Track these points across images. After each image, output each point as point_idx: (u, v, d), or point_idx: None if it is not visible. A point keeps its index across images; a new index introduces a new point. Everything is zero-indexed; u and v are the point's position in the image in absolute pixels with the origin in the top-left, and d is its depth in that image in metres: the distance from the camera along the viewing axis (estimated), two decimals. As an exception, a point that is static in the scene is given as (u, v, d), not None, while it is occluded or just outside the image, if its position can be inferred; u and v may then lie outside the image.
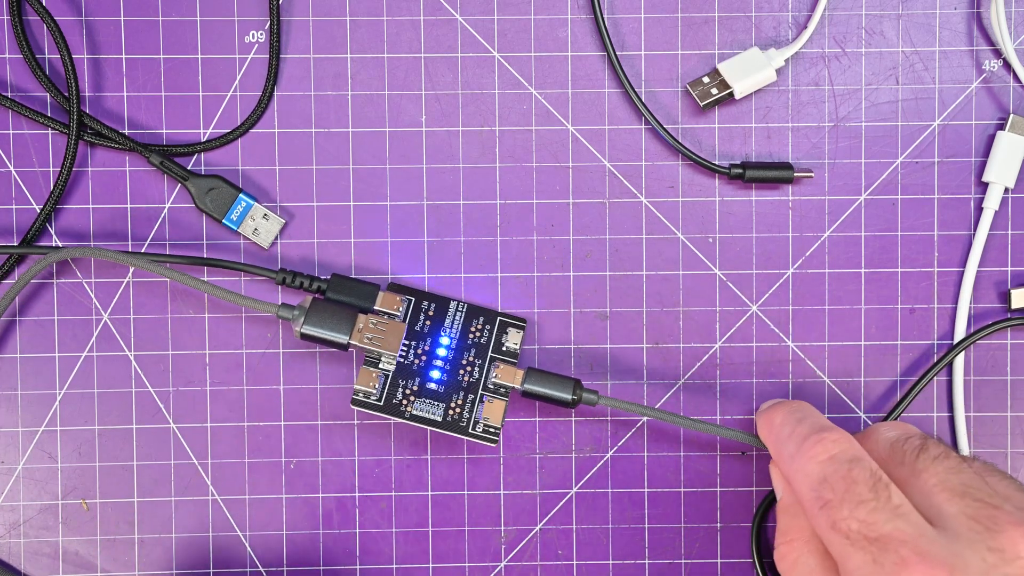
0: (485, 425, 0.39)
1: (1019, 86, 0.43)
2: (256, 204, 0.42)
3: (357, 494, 0.42)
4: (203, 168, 0.42)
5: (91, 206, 0.42)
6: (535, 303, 0.42)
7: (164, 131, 0.42)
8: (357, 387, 0.39)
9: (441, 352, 0.40)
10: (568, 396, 0.40)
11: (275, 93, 0.42)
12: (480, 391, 0.40)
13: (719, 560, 0.43)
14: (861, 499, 0.33)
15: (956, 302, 0.43)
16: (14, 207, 0.42)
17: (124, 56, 0.42)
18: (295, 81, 0.42)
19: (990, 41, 0.43)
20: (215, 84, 0.42)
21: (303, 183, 0.42)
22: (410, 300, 0.41)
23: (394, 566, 0.42)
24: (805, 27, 0.42)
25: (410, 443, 0.42)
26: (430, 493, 0.42)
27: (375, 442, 0.42)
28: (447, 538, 0.42)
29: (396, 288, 0.41)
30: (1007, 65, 0.43)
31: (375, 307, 0.40)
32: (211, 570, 0.42)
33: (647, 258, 0.43)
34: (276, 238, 0.42)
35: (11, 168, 0.42)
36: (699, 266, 0.43)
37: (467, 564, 0.42)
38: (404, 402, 0.39)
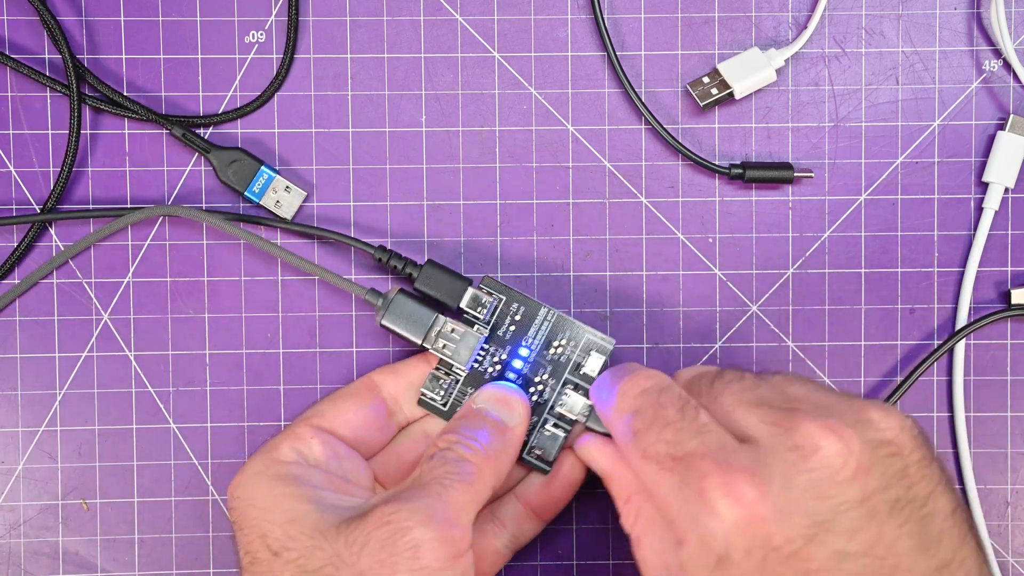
0: (539, 455, 0.39)
1: (1019, 86, 0.43)
2: (278, 176, 0.41)
3: (357, 494, 0.42)
4: (202, 168, 0.42)
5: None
6: (535, 303, 0.42)
7: (163, 132, 0.42)
8: (423, 390, 0.39)
9: (517, 364, 0.39)
10: None
11: (275, 93, 0.42)
12: (545, 414, 0.39)
13: (719, 560, 0.42)
14: (668, 421, 0.33)
15: (956, 302, 0.43)
16: (14, 207, 0.42)
17: (124, 56, 0.42)
18: (295, 81, 0.42)
19: (990, 41, 0.43)
20: (215, 84, 0.42)
21: (303, 183, 0.42)
22: (500, 300, 0.39)
23: (394, 566, 0.42)
24: (805, 27, 0.42)
25: (410, 443, 0.42)
26: (430, 493, 0.42)
27: (375, 442, 0.42)
28: (447, 538, 0.42)
29: (490, 284, 0.39)
30: (1007, 65, 0.43)
31: (460, 305, 0.39)
32: (211, 570, 0.42)
33: (647, 258, 0.43)
34: (298, 211, 0.42)
35: (11, 168, 0.42)
36: (699, 266, 0.43)
37: (467, 564, 0.42)
38: None
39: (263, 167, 0.41)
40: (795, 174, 0.42)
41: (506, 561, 0.39)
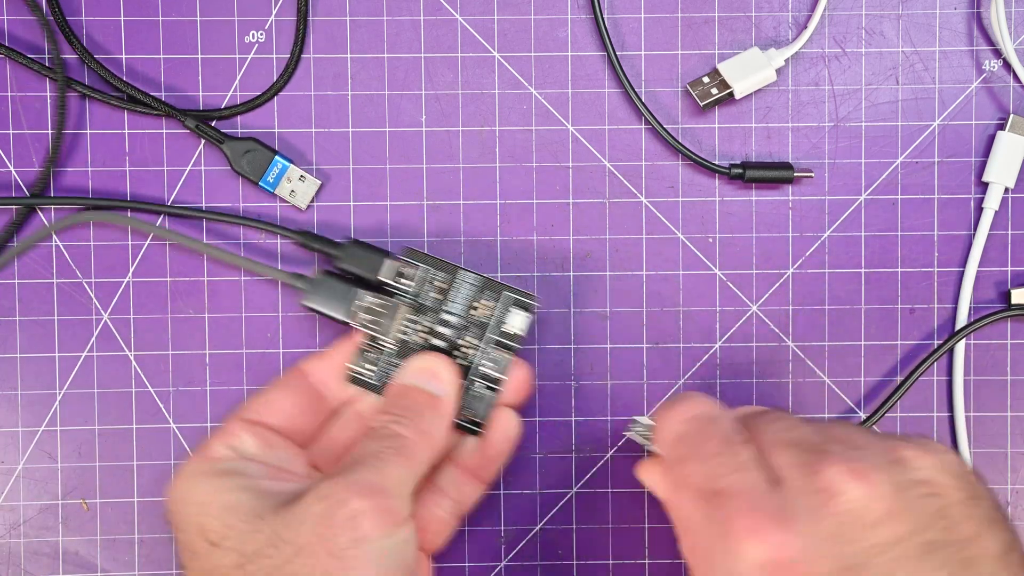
0: (470, 416, 0.39)
1: (1019, 86, 0.43)
2: (292, 166, 0.41)
3: (357, 494, 0.42)
4: (203, 169, 0.42)
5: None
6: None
7: (164, 131, 0.42)
8: (350, 365, 0.39)
9: (443, 330, 0.39)
10: None
11: (284, 86, 0.42)
12: (470, 376, 0.39)
13: (719, 560, 0.42)
14: (710, 453, 0.33)
15: (956, 302, 0.43)
16: (14, 207, 0.42)
17: (124, 56, 0.42)
18: (295, 81, 0.42)
19: (990, 41, 0.43)
20: (215, 84, 0.42)
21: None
22: (419, 268, 0.39)
23: (394, 566, 0.42)
24: (805, 27, 0.42)
25: (410, 443, 0.42)
26: (430, 493, 0.42)
27: (375, 442, 0.42)
28: (447, 538, 0.42)
29: (410, 254, 0.39)
30: (1007, 65, 0.43)
31: (379, 278, 0.39)
32: (211, 570, 0.42)
33: (647, 258, 0.43)
34: (313, 200, 0.42)
35: (11, 168, 0.42)
36: (699, 266, 0.43)
37: (467, 564, 0.42)
38: None
39: (277, 156, 0.41)
40: (795, 174, 0.42)
41: (452, 528, 0.39)
